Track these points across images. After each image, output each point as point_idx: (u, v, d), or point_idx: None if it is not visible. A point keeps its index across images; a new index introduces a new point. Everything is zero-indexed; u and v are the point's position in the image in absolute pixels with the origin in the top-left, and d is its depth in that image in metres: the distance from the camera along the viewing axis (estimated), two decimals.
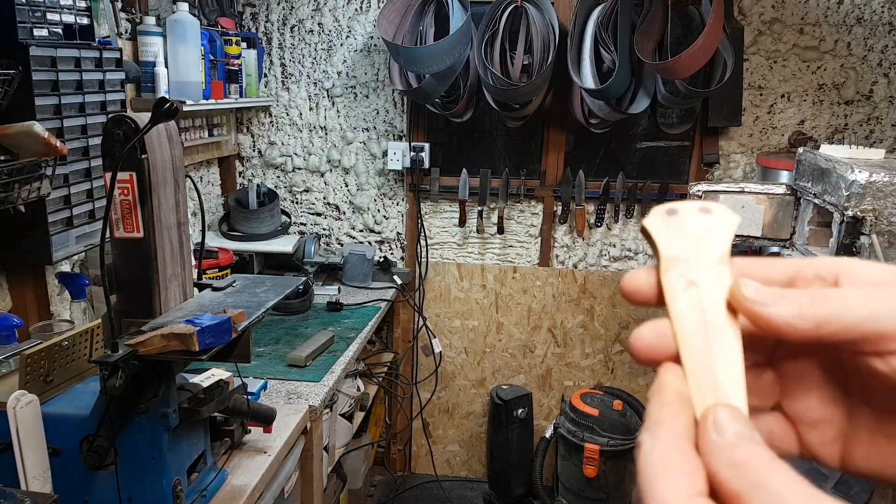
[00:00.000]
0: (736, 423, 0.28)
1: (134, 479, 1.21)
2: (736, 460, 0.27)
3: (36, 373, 1.24)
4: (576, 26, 2.61)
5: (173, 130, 1.24)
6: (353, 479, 2.78)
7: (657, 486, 0.27)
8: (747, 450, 0.27)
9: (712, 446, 0.28)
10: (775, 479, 0.26)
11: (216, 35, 2.56)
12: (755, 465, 0.27)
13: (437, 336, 3.20)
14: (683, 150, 2.97)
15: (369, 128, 3.08)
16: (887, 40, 2.77)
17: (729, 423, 0.28)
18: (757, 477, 0.26)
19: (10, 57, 1.47)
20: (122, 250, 1.17)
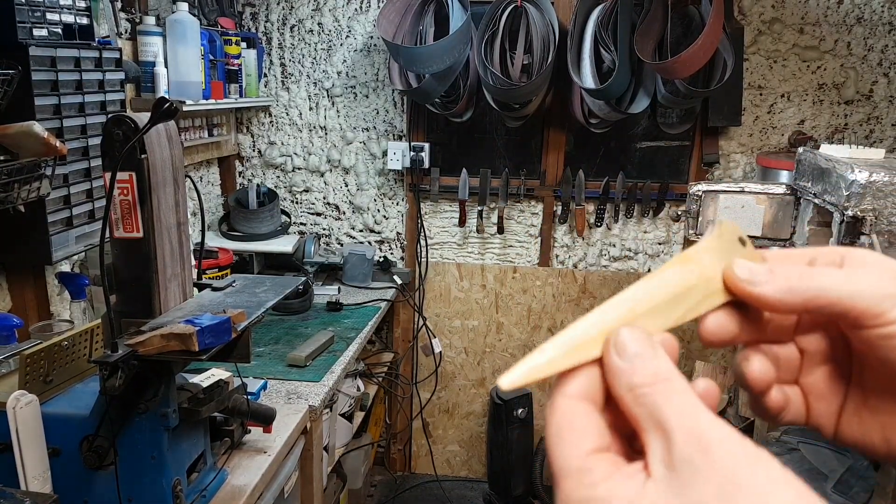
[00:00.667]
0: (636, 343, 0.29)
1: (134, 479, 1.20)
2: (634, 384, 0.28)
3: (36, 373, 1.24)
4: (576, 26, 2.61)
5: (173, 130, 1.24)
6: (353, 479, 2.78)
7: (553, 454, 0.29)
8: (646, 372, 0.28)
9: (613, 370, 0.29)
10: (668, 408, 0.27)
11: (216, 35, 2.56)
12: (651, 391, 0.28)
13: (437, 336, 3.20)
14: (683, 149, 2.97)
15: (369, 128, 3.08)
16: (887, 40, 2.77)
17: (630, 343, 0.29)
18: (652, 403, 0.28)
19: (10, 57, 1.47)
20: (121, 250, 1.17)
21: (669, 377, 0.28)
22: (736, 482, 0.25)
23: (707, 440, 0.26)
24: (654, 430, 0.27)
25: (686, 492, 0.26)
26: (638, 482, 0.27)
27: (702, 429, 0.27)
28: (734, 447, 0.26)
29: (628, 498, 0.27)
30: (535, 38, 2.63)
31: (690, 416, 0.27)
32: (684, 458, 0.26)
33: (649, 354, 0.29)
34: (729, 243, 0.35)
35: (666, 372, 0.28)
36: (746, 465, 0.26)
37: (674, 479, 0.26)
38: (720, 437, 0.26)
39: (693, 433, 0.26)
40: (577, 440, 0.29)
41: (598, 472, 0.28)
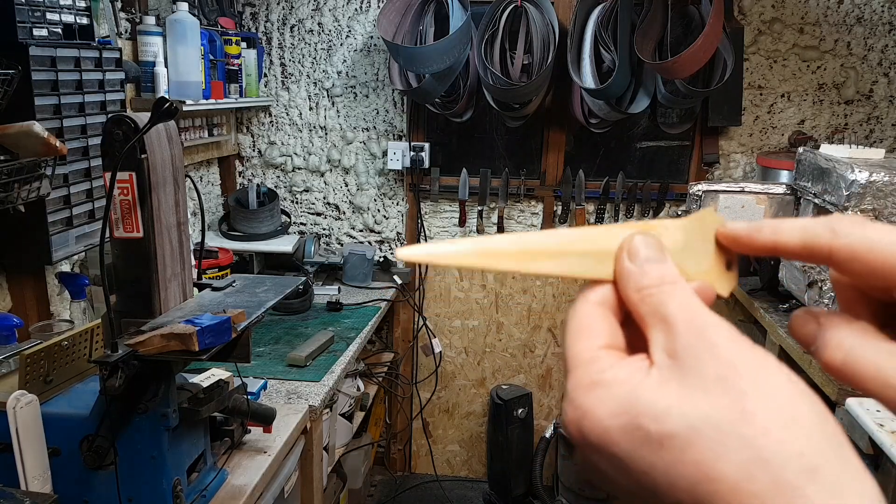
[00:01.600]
0: (648, 248, 0.31)
1: (134, 479, 1.21)
2: (641, 285, 0.30)
3: (36, 373, 1.24)
4: (576, 26, 2.61)
5: (173, 130, 1.24)
6: (353, 479, 2.78)
7: (568, 350, 0.31)
8: (653, 275, 0.30)
9: (623, 272, 0.31)
10: (671, 304, 0.29)
11: (216, 35, 2.56)
12: (657, 291, 0.30)
13: (437, 336, 3.20)
14: (683, 149, 2.97)
15: (369, 128, 3.08)
16: (887, 40, 2.77)
17: (641, 248, 0.31)
18: (657, 302, 0.30)
19: (10, 57, 1.47)
20: (121, 250, 1.17)
21: (675, 280, 0.30)
22: (733, 365, 0.27)
23: (707, 330, 0.28)
24: (658, 324, 0.29)
25: (686, 374, 0.27)
26: (641, 367, 0.29)
27: (702, 320, 0.28)
28: (732, 337, 0.28)
29: (631, 380, 0.28)
30: (535, 38, 2.63)
31: (692, 311, 0.29)
32: (685, 344, 0.28)
33: (658, 258, 0.31)
34: (707, 232, 0.35)
35: (672, 276, 0.30)
36: (743, 351, 0.27)
37: (675, 364, 0.28)
38: (719, 328, 0.28)
39: (694, 324, 0.28)
40: (591, 336, 0.31)
41: (606, 361, 0.30)
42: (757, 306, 2.42)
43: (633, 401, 0.28)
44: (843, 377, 0.31)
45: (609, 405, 0.28)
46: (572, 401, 0.29)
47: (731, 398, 0.26)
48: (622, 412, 0.28)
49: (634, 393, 0.28)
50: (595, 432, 0.28)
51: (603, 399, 0.28)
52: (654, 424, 0.27)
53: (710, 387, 0.26)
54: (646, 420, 0.27)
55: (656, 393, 0.27)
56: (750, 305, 2.50)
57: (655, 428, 0.27)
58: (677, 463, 0.26)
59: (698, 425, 0.26)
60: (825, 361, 0.31)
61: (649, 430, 0.27)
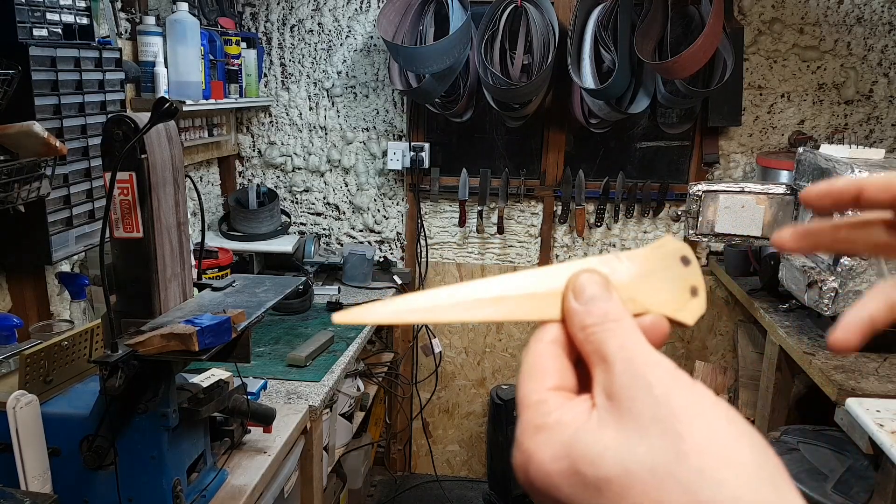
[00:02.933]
0: (593, 286, 0.31)
1: (134, 479, 1.21)
2: (585, 324, 0.30)
3: (36, 373, 1.24)
4: (576, 26, 2.61)
5: (173, 130, 1.24)
6: (353, 479, 2.78)
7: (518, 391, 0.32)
8: (597, 313, 0.30)
9: (569, 311, 0.31)
10: (612, 343, 0.29)
11: (216, 35, 2.56)
12: (599, 329, 0.30)
13: (436, 336, 3.20)
14: (683, 149, 2.97)
15: (369, 128, 3.08)
16: (887, 40, 2.77)
17: (587, 286, 0.31)
18: (599, 340, 0.30)
19: (10, 57, 1.47)
20: (121, 250, 1.17)
21: (618, 318, 0.30)
22: (669, 406, 0.27)
23: (643, 368, 0.28)
24: (600, 363, 0.29)
25: (623, 416, 0.27)
26: (583, 409, 0.29)
27: (641, 360, 0.28)
28: (669, 376, 0.28)
29: (574, 423, 0.28)
30: (535, 38, 2.63)
31: (630, 349, 0.29)
32: (622, 384, 0.28)
33: (603, 297, 0.31)
34: (668, 260, 0.34)
35: (616, 313, 0.30)
36: (679, 390, 0.27)
37: (612, 406, 0.28)
38: (657, 367, 0.28)
39: (632, 363, 0.28)
40: (541, 377, 0.31)
41: (553, 402, 0.30)
42: (757, 306, 2.42)
43: (573, 445, 0.28)
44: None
45: (552, 449, 0.28)
46: (519, 444, 0.29)
47: (667, 440, 0.26)
48: (563, 456, 0.28)
49: (575, 436, 0.28)
50: (538, 477, 0.28)
51: (546, 443, 0.28)
52: (591, 469, 0.27)
53: (646, 428, 0.26)
54: (584, 464, 0.27)
55: (594, 436, 0.27)
56: (750, 305, 2.50)
57: (592, 472, 0.26)
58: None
59: (634, 469, 0.26)
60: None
61: (586, 475, 0.27)
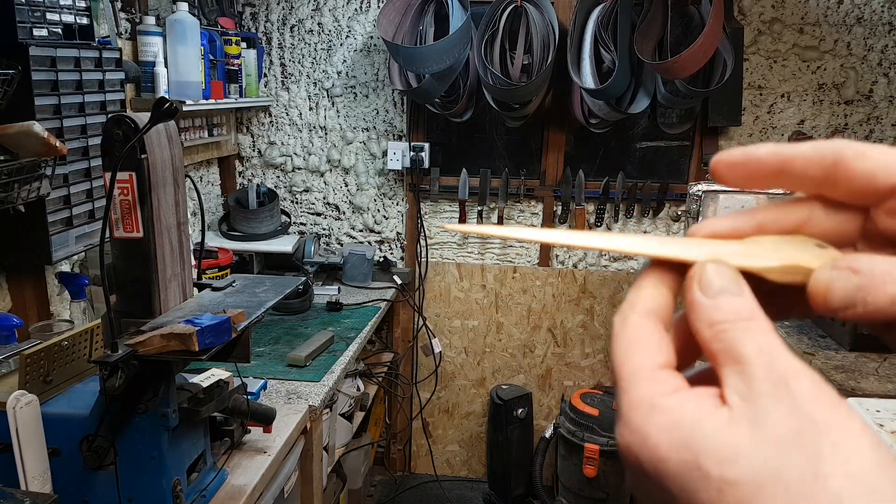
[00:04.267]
0: (722, 279, 0.29)
1: (134, 479, 1.20)
2: (714, 320, 0.28)
3: (36, 373, 1.24)
4: (576, 26, 2.61)
5: (173, 130, 1.24)
6: (353, 479, 2.78)
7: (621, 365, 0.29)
8: (727, 309, 0.28)
9: (694, 304, 0.29)
10: (748, 345, 0.27)
11: (216, 35, 2.56)
12: (729, 327, 0.27)
13: (436, 336, 3.20)
14: (683, 149, 2.97)
15: (369, 128, 3.08)
16: (887, 40, 2.77)
17: (715, 279, 0.29)
18: (732, 339, 0.27)
19: (10, 57, 1.47)
20: (121, 250, 1.17)
21: (752, 317, 0.28)
22: (814, 422, 0.25)
23: (787, 377, 0.26)
24: (733, 365, 0.27)
25: (761, 422, 0.25)
26: (710, 403, 0.27)
27: (783, 367, 0.26)
28: (815, 389, 0.26)
29: (698, 414, 0.26)
30: (535, 38, 2.63)
31: (771, 354, 0.26)
32: (762, 391, 0.26)
33: (734, 291, 0.28)
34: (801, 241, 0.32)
35: (748, 311, 0.28)
36: (826, 408, 0.25)
37: (749, 409, 0.26)
38: (801, 377, 0.26)
39: (773, 369, 0.26)
40: (647, 352, 0.29)
41: (668, 384, 0.28)
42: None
43: (697, 437, 0.26)
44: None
45: (670, 435, 0.26)
46: (629, 422, 0.27)
47: (807, 457, 0.24)
48: (683, 446, 0.26)
49: (701, 429, 0.26)
50: (651, 461, 0.26)
51: (664, 427, 0.27)
52: (717, 468, 0.25)
53: (786, 441, 0.24)
54: (709, 461, 0.25)
55: (724, 434, 0.25)
56: None
57: (718, 472, 0.25)
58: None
59: (765, 481, 0.24)
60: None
61: (710, 473, 0.25)
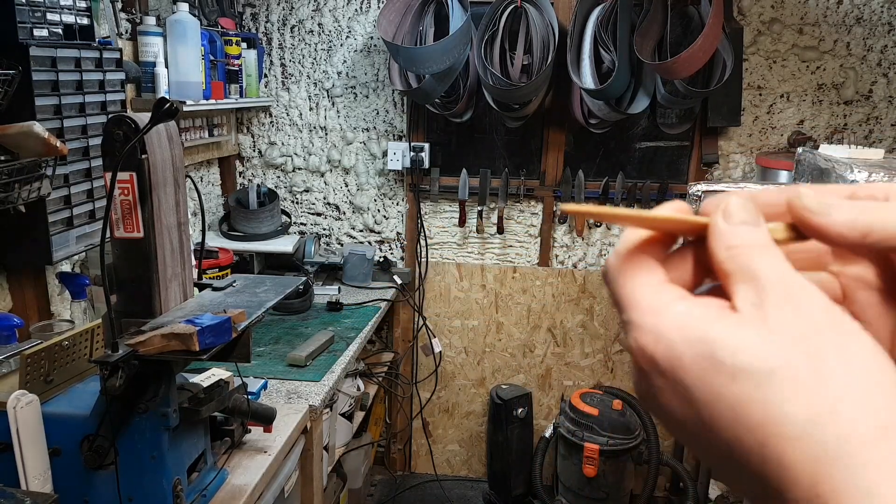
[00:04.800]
0: (743, 211, 0.30)
1: (134, 479, 1.21)
2: (731, 244, 0.30)
3: (36, 373, 1.25)
4: (575, 26, 2.61)
5: (173, 130, 1.24)
6: (353, 479, 2.79)
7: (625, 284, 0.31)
8: (745, 236, 0.30)
9: (715, 230, 0.30)
10: (762, 263, 0.29)
11: (216, 35, 2.56)
12: (746, 250, 0.29)
13: (436, 336, 3.20)
14: (683, 150, 2.97)
15: (369, 128, 3.08)
16: (887, 40, 2.77)
17: (737, 211, 0.30)
18: (746, 259, 0.29)
19: (10, 57, 1.47)
20: (122, 250, 1.17)
21: (767, 244, 0.30)
22: (821, 328, 0.27)
23: (796, 290, 0.28)
24: (746, 280, 0.29)
25: (771, 325, 0.27)
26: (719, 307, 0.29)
27: (792, 281, 0.28)
28: (823, 302, 0.27)
29: (709, 314, 0.28)
30: (535, 39, 2.64)
31: (782, 271, 0.28)
32: (774, 301, 0.27)
33: (753, 222, 0.30)
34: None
35: (765, 240, 0.30)
36: (833, 317, 0.27)
37: (760, 315, 0.27)
38: (811, 292, 0.28)
39: (784, 283, 0.28)
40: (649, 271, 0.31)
41: (676, 292, 0.30)
42: None
43: (710, 332, 0.27)
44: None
45: (683, 332, 0.28)
46: (641, 325, 0.29)
47: (813, 355, 0.26)
48: (697, 340, 0.27)
49: (713, 325, 0.28)
50: (666, 356, 0.28)
51: (677, 325, 0.28)
52: (731, 357, 0.27)
53: (794, 341, 0.26)
54: (723, 352, 0.27)
55: (737, 330, 0.27)
56: None
57: (731, 361, 0.26)
58: (747, 399, 0.26)
59: (776, 368, 0.26)
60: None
61: (724, 362, 0.27)
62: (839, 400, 0.25)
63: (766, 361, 0.26)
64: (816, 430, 0.25)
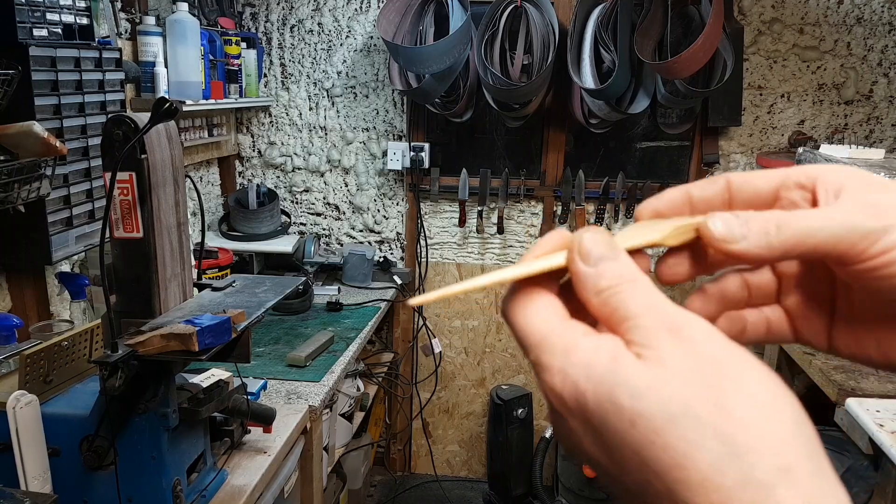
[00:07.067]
0: (598, 246, 0.30)
1: (134, 480, 1.21)
2: (600, 287, 0.29)
3: (36, 373, 1.24)
4: (576, 26, 2.61)
5: (173, 130, 1.24)
6: (353, 479, 2.78)
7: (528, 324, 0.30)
8: (609, 274, 0.29)
9: (579, 276, 0.30)
10: (635, 302, 0.28)
11: (216, 35, 2.56)
12: (615, 290, 0.29)
13: (436, 336, 3.20)
14: (683, 149, 2.97)
15: (369, 128, 3.08)
16: (887, 40, 2.77)
17: (593, 248, 0.30)
18: (620, 300, 0.29)
19: (10, 57, 1.47)
20: (121, 250, 1.17)
21: (634, 278, 0.29)
22: (714, 361, 0.26)
23: (679, 324, 0.27)
24: (625, 321, 0.28)
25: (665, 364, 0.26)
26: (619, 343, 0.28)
27: (672, 314, 0.28)
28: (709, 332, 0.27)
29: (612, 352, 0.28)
30: (535, 39, 2.63)
31: (658, 307, 0.28)
32: (659, 338, 0.27)
33: (612, 256, 0.30)
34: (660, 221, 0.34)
35: (630, 273, 0.29)
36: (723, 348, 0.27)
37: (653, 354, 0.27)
38: (694, 324, 0.27)
39: (663, 318, 0.28)
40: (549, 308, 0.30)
41: (580, 328, 0.29)
42: None
43: (611, 372, 0.27)
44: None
45: (588, 371, 0.27)
46: (549, 367, 0.29)
47: (711, 392, 0.26)
48: (599, 382, 0.27)
49: (614, 364, 0.27)
50: (573, 397, 0.28)
51: (581, 365, 0.28)
52: (630, 401, 0.26)
53: (690, 377, 0.26)
54: (622, 395, 0.26)
55: (636, 371, 0.27)
56: None
57: (630, 405, 0.26)
58: (648, 445, 0.26)
59: (675, 411, 0.25)
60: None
61: (623, 406, 0.26)
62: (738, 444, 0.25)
63: (665, 405, 0.26)
64: (719, 476, 0.24)
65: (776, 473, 0.24)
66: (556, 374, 0.28)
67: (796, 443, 0.25)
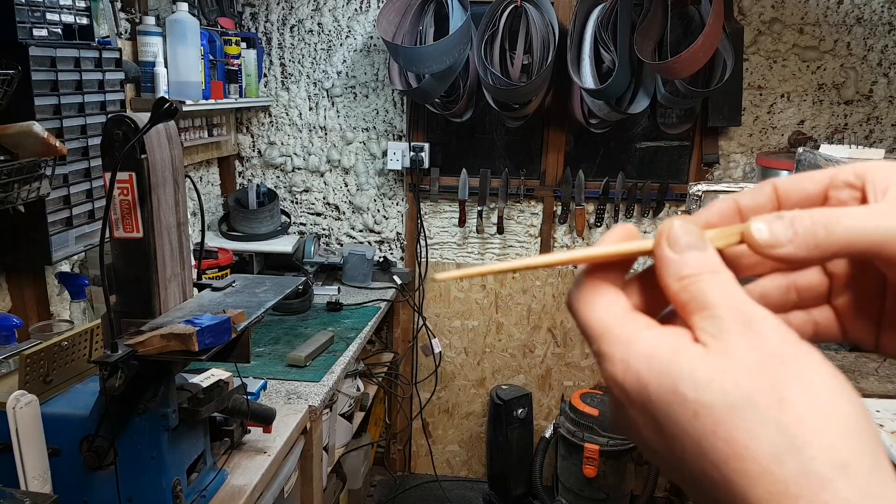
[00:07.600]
0: (688, 235, 0.31)
1: (133, 480, 1.21)
2: (682, 274, 0.30)
3: (36, 373, 1.24)
4: (576, 26, 2.61)
5: (173, 130, 1.24)
6: (353, 479, 2.78)
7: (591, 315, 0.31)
8: (694, 263, 0.30)
9: (663, 260, 0.31)
10: (714, 293, 0.29)
11: (216, 35, 2.56)
12: (697, 279, 0.29)
13: (436, 336, 3.20)
14: (683, 150, 2.97)
15: (369, 128, 3.08)
16: (887, 40, 2.77)
17: (682, 236, 0.30)
18: (698, 290, 0.29)
19: (10, 57, 1.47)
20: (121, 250, 1.17)
21: (717, 269, 0.30)
22: (779, 355, 0.27)
23: (753, 320, 0.28)
24: (701, 310, 0.29)
25: (731, 356, 0.27)
26: (684, 337, 0.29)
27: (747, 308, 0.28)
28: (778, 329, 0.28)
29: (675, 344, 0.28)
30: (535, 38, 2.63)
31: (736, 299, 0.29)
32: (731, 330, 0.28)
33: (699, 246, 0.30)
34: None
35: (714, 265, 0.30)
36: (789, 344, 0.27)
37: (721, 346, 0.28)
38: (765, 319, 0.28)
39: (739, 311, 0.28)
40: (613, 300, 0.31)
41: (643, 321, 0.30)
42: None
43: (674, 364, 0.28)
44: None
45: (650, 363, 0.28)
46: (611, 357, 0.29)
47: (773, 385, 0.26)
48: (662, 372, 0.28)
49: (677, 356, 0.28)
50: (634, 387, 0.28)
51: (644, 356, 0.29)
52: (693, 392, 0.27)
53: (753, 371, 0.26)
54: (685, 385, 0.27)
55: (699, 363, 0.27)
56: None
57: (693, 395, 0.27)
58: (709, 434, 0.26)
59: (737, 403, 0.26)
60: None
61: (686, 396, 0.27)
62: (797, 436, 0.25)
63: (728, 397, 0.26)
64: (777, 468, 0.25)
65: (834, 468, 0.25)
66: (617, 364, 0.29)
67: (855, 439, 0.25)
